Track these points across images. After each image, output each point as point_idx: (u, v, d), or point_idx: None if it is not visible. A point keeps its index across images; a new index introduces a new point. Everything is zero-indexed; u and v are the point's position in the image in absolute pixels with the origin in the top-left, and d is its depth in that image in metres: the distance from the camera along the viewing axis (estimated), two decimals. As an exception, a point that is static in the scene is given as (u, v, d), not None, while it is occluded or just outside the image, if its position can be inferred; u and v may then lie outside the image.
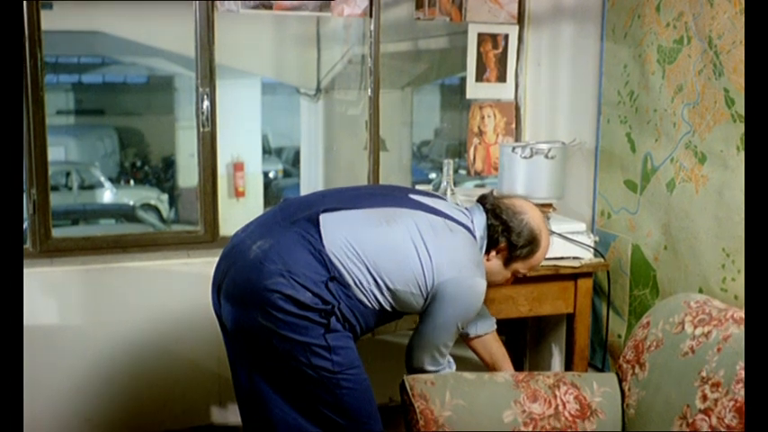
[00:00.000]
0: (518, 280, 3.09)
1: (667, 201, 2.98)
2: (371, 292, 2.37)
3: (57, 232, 3.44)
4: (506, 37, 3.84)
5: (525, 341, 3.93)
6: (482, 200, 2.60)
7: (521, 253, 2.53)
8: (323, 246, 2.31)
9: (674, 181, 2.94)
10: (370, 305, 2.39)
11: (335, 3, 3.54)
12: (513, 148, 3.25)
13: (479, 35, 3.81)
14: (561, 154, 3.25)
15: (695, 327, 2.37)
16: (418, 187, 3.24)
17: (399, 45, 4.68)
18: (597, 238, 3.27)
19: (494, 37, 3.83)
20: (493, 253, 2.54)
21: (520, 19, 3.84)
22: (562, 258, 3.18)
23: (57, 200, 3.23)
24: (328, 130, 5.53)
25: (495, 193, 2.65)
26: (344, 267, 2.32)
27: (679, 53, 2.89)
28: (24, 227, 3.35)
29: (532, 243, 2.53)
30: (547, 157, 3.21)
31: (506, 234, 2.50)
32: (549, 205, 3.25)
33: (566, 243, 3.18)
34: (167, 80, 9.01)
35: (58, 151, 8.98)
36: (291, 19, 3.63)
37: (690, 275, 2.87)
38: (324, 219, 2.36)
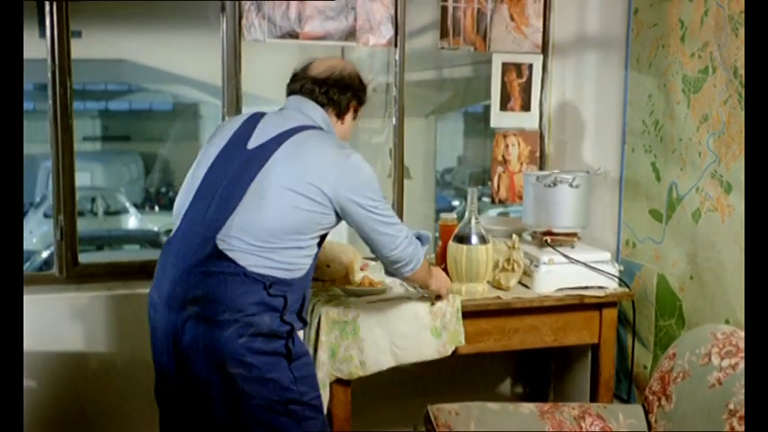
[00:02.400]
0: (542, 310, 3.09)
1: (693, 230, 2.96)
2: (304, 260, 2.42)
3: (82, 258, 3.47)
4: (530, 66, 3.85)
5: (550, 371, 3.91)
6: (306, 92, 2.58)
7: (363, 97, 2.66)
8: (240, 266, 2.32)
9: (699, 210, 2.92)
10: (309, 268, 2.47)
11: (361, 32, 3.58)
12: (538, 177, 3.25)
13: (504, 64, 3.83)
14: (586, 183, 3.24)
15: (722, 358, 2.35)
16: (443, 215, 3.24)
17: (423, 74, 4.71)
18: (622, 268, 3.25)
19: (518, 66, 3.84)
20: (346, 115, 2.63)
21: (544, 48, 3.85)
22: (587, 288, 3.16)
23: (82, 225, 3.27)
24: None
25: (299, 72, 2.64)
26: (269, 267, 2.34)
27: (704, 83, 2.89)
28: (51, 252, 3.38)
29: (365, 85, 2.67)
30: (571, 186, 3.20)
31: (352, 91, 2.60)
32: (574, 234, 3.24)
33: (590, 272, 3.17)
34: (192, 107, 9.10)
35: (84, 177, 9.06)
36: (317, 48, 3.65)
37: (716, 306, 2.84)
38: (221, 244, 2.34)
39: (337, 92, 2.57)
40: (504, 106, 3.87)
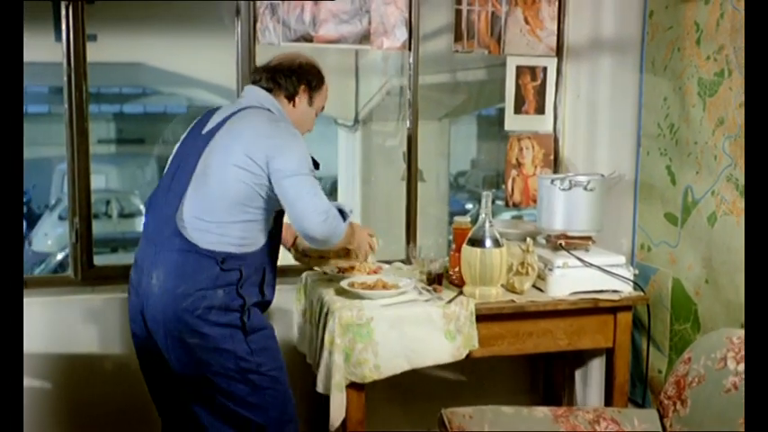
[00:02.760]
0: (556, 314, 3.08)
1: (708, 234, 2.95)
2: (257, 234, 2.60)
3: (97, 260, 3.48)
4: (545, 69, 3.85)
5: (564, 375, 3.90)
6: (257, 81, 2.81)
7: (315, 84, 2.81)
8: (193, 244, 2.51)
9: (715, 214, 2.91)
10: (266, 243, 2.64)
11: (375, 36, 3.58)
12: (552, 180, 3.24)
13: (518, 67, 3.82)
14: (600, 186, 3.23)
15: (738, 363, 2.34)
16: (457, 218, 3.24)
17: (437, 77, 4.70)
18: (637, 272, 3.24)
19: (532, 69, 3.84)
20: (297, 99, 2.79)
21: (558, 51, 3.85)
22: (601, 291, 3.15)
23: (96, 227, 3.28)
24: (366, 160, 5.55)
25: (258, 66, 2.90)
26: (221, 243, 2.52)
27: (720, 86, 2.88)
28: (66, 254, 3.40)
29: (319, 73, 2.84)
30: (586, 189, 3.19)
31: (297, 76, 2.78)
32: (589, 238, 3.23)
33: (605, 276, 3.16)
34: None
35: (98, 179, 9.05)
36: (331, 51, 3.66)
37: (732, 310, 2.83)
38: (178, 223, 2.54)
39: (283, 76, 2.77)
40: (518, 109, 3.86)
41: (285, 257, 3.41)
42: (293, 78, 2.77)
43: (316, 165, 2.79)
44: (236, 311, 2.53)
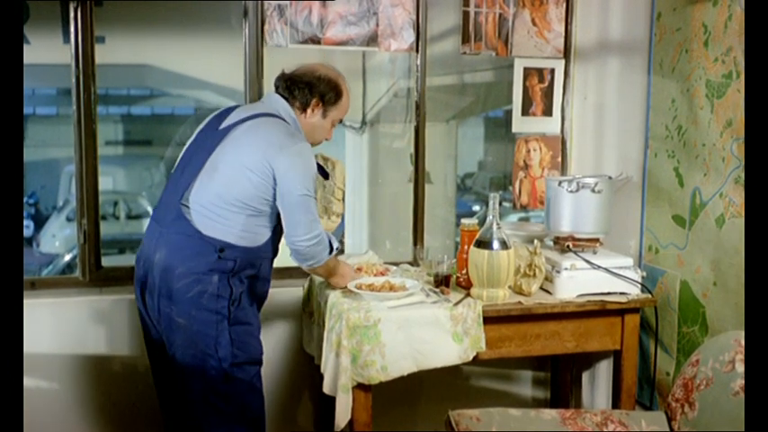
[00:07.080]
0: (563, 316, 3.07)
1: (717, 236, 2.94)
2: (259, 230, 2.72)
3: (104, 261, 3.49)
4: (552, 71, 3.85)
5: (571, 377, 3.89)
6: (277, 88, 2.93)
7: (330, 98, 2.88)
8: (197, 229, 2.65)
9: (723, 216, 2.90)
10: (266, 242, 2.76)
11: (382, 37, 3.59)
12: (560, 182, 3.24)
13: (525, 69, 3.83)
14: (608, 188, 3.23)
15: (746, 365, 2.33)
16: (465, 220, 3.24)
17: (445, 78, 4.70)
18: (644, 274, 3.23)
19: (540, 71, 3.84)
20: (309, 111, 2.87)
21: (566, 53, 3.85)
22: (609, 294, 3.15)
23: (104, 229, 3.29)
24: (373, 162, 5.55)
25: (286, 71, 2.94)
26: (222, 232, 2.65)
27: (728, 88, 2.87)
28: (74, 256, 3.41)
29: (336, 87, 2.89)
30: (593, 191, 3.19)
31: (310, 89, 2.85)
32: (596, 240, 3.23)
33: (612, 278, 3.15)
34: (214, 112, 9.12)
35: (106, 181, 9.06)
36: (338, 53, 3.66)
37: (740, 313, 2.82)
38: (183, 209, 2.68)
39: (298, 87, 2.86)
40: (525, 111, 3.86)
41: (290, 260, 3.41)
42: (306, 90, 2.86)
43: (325, 174, 2.97)
44: (226, 299, 2.65)
